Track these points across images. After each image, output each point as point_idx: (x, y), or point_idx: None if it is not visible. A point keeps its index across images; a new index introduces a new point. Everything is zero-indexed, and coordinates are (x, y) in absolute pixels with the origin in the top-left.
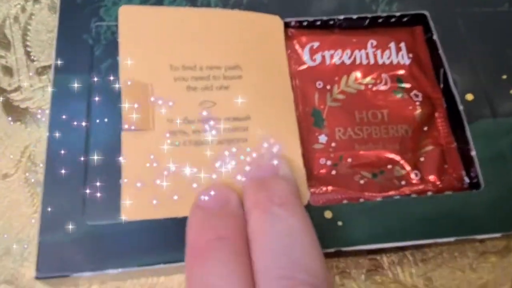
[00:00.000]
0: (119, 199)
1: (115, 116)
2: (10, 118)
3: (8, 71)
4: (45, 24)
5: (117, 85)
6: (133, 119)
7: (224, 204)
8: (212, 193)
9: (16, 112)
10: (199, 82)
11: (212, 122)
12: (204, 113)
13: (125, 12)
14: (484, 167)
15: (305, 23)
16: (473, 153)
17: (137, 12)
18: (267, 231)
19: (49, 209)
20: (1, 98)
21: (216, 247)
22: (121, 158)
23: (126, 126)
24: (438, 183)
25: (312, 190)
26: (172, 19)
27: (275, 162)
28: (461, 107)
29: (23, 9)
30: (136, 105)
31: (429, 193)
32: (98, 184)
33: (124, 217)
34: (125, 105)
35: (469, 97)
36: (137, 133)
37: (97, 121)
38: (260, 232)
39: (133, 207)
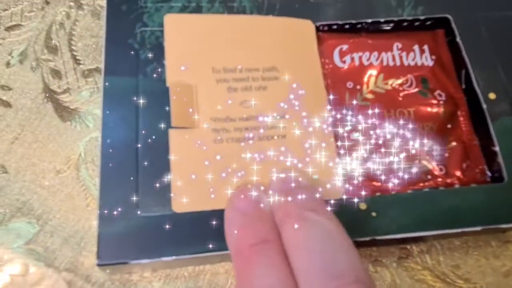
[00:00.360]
0: (169, 192)
1: (161, 115)
2: (61, 118)
3: (57, 74)
4: (89, 30)
5: (162, 87)
6: (180, 118)
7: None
8: (248, 194)
9: (66, 113)
10: (239, 83)
11: (252, 121)
12: (245, 112)
13: (170, 20)
14: (507, 161)
15: (334, 27)
16: (496, 148)
17: (181, 19)
18: (306, 236)
19: (105, 202)
20: (52, 100)
21: (261, 251)
22: (169, 155)
23: (173, 124)
24: (462, 177)
25: (346, 184)
26: (212, 26)
27: (292, 176)
28: (484, 106)
29: (68, 16)
30: (182, 105)
31: (456, 186)
32: (149, 178)
33: (174, 209)
34: (173, 105)
35: (492, 96)
36: (183, 131)
37: (146, 120)
38: (299, 239)
39: (182, 200)
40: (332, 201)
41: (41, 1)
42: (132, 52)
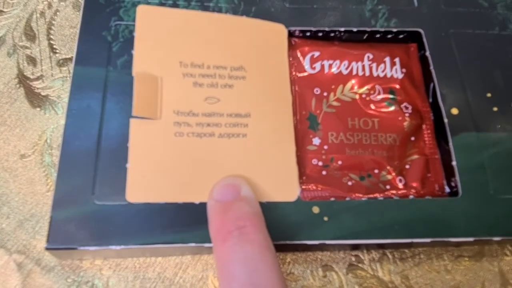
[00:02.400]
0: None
1: (127, 106)
2: (31, 104)
3: (32, 61)
4: (69, 20)
5: (131, 80)
6: (142, 107)
7: (236, 193)
8: (224, 184)
9: (37, 99)
10: (206, 79)
11: (215, 117)
12: (208, 108)
13: (142, 11)
14: (463, 176)
15: (308, 33)
16: (454, 163)
17: (154, 11)
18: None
19: (62, 187)
20: (24, 85)
21: (236, 236)
22: (128, 144)
23: (134, 113)
24: (420, 189)
25: (302, 186)
26: (185, 21)
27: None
28: (446, 120)
29: (50, 6)
30: (145, 95)
31: (411, 197)
32: (108, 167)
33: (128, 199)
34: (136, 94)
35: (454, 111)
36: (145, 121)
37: (111, 110)
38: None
39: (137, 191)
40: (286, 203)
41: None
42: (105, 44)
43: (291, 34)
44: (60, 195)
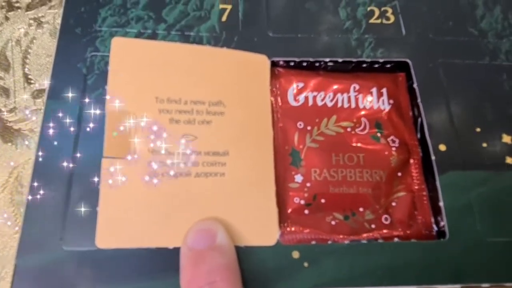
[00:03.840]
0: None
1: (101, 144)
2: (2, 139)
3: (5, 92)
4: (46, 49)
5: (105, 114)
6: (115, 146)
7: (210, 241)
8: (198, 230)
9: (9, 133)
10: (183, 115)
11: (192, 155)
12: (185, 146)
13: (117, 43)
14: (450, 217)
15: (292, 63)
16: (441, 203)
17: (129, 44)
18: None
19: (28, 232)
20: None
21: None
22: (99, 186)
23: (107, 153)
24: (407, 229)
25: (282, 229)
26: (162, 53)
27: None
28: (433, 157)
29: (26, 33)
30: (118, 133)
31: (396, 240)
32: (78, 210)
33: (98, 245)
34: (107, 132)
35: (442, 147)
36: (117, 160)
37: (84, 148)
38: None
39: (107, 236)
40: (264, 247)
41: (0, 17)
42: (80, 77)
43: (274, 64)
44: (26, 241)
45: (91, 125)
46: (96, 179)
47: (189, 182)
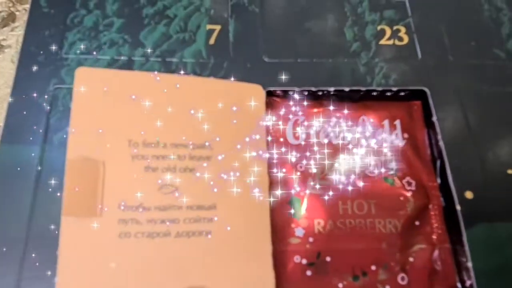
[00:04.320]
0: None
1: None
2: None
3: None
4: (6, 77)
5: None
6: (77, 203)
7: None
8: None
9: None
10: (161, 161)
11: (172, 210)
12: (163, 199)
13: (82, 75)
14: (481, 282)
15: (291, 93)
16: (469, 264)
17: (97, 75)
18: None
19: None
20: None
21: None
22: (58, 250)
23: (67, 212)
24: None
25: None
26: (136, 86)
27: None
28: (458, 207)
29: None
30: (81, 187)
31: None
32: (34, 279)
33: None
34: (67, 187)
35: (469, 195)
36: (80, 220)
37: (43, 204)
38: None
39: None
40: None
41: None
42: (41, 115)
43: (270, 94)
44: None
45: (53, 173)
46: (56, 241)
47: (168, 244)
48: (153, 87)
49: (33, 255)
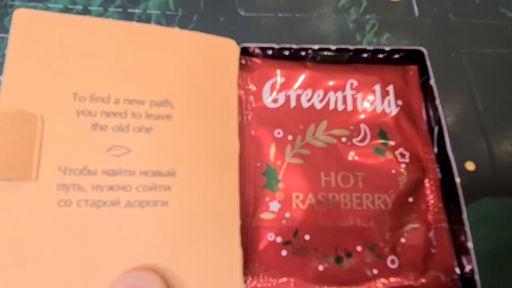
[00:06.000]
0: None
1: None
2: None
3: None
4: None
5: None
6: (9, 163)
7: None
8: (125, 285)
9: None
10: (112, 119)
11: (122, 176)
12: (113, 162)
13: (21, 17)
14: (483, 265)
15: (269, 52)
16: (470, 244)
17: (39, 18)
18: None
19: None
20: None
21: None
22: None
23: None
24: (420, 276)
25: (249, 281)
26: (87, 33)
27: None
28: (457, 180)
29: None
30: (14, 145)
31: None
32: None
33: None
34: (0, 144)
35: (470, 166)
36: (14, 184)
37: None
38: None
39: None
40: None
41: None
42: None
43: (246, 52)
44: None
45: None
46: None
47: (117, 215)
48: (107, 35)
49: None
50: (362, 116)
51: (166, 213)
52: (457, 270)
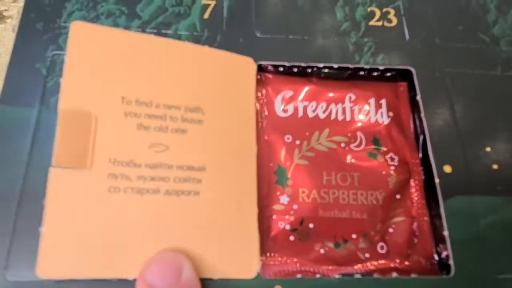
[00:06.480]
0: None
1: None
2: None
3: None
4: (6, 46)
5: None
6: (67, 154)
7: (175, 278)
8: (161, 263)
9: None
10: (153, 121)
11: (162, 169)
12: (154, 157)
13: (77, 29)
14: (456, 250)
15: (281, 69)
16: (446, 233)
17: (92, 30)
18: None
19: None
20: None
21: None
22: (44, 201)
23: (56, 162)
24: (405, 259)
25: (264, 258)
26: (132, 45)
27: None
28: (437, 180)
29: None
30: (72, 138)
31: (394, 274)
32: (27, 232)
33: (38, 275)
34: (59, 136)
35: (447, 169)
36: (68, 171)
37: (39, 160)
38: None
39: (51, 264)
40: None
41: None
42: (39, 79)
43: (261, 69)
44: None
45: (49, 134)
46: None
47: (157, 201)
48: (149, 49)
49: (27, 210)
50: (359, 125)
51: (197, 201)
52: (436, 256)
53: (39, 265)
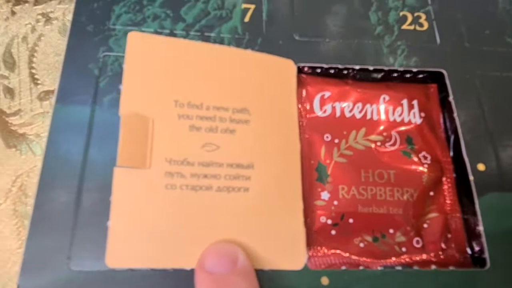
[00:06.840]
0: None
1: (113, 153)
2: (5, 143)
3: (9, 92)
4: (54, 47)
5: (119, 120)
6: (129, 156)
7: (232, 265)
8: (219, 252)
9: (13, 137)
10: (204, 122)
11: (213, 167)
12: (206, 156)
13: (134, 39)
14: (491, 244)
15: (318, 70)
16: (480, 228)
17: (147, 40)
18: None
19: (33, 249)
20: None
21: None
22: (111, 198)
23: (120, 162)
24: (440, 253)
25: (310, 252)
26: (182, 52)
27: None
28: (471, 178)
29: (33, 29)
30: (133, 141)
31: (433, 267)
32: (88, 226)
33: (108, 264)
34: (122, 139)
35: (481, 167)
36: (131, 171)
37: (94, 157)
38: None
39: (119, 254)
40: (291, 272)
41: (7, 11)
42: (91, 79)
43: (299, 71)
44: (30, 258)
45: (103, 131)
46: (108, 191)
47: (210, 197)
48: (198, 55)
49: (85, 204)
50: (393, 125)
51: (247, 197)
52: (468, 250)
53: (108, 256)
